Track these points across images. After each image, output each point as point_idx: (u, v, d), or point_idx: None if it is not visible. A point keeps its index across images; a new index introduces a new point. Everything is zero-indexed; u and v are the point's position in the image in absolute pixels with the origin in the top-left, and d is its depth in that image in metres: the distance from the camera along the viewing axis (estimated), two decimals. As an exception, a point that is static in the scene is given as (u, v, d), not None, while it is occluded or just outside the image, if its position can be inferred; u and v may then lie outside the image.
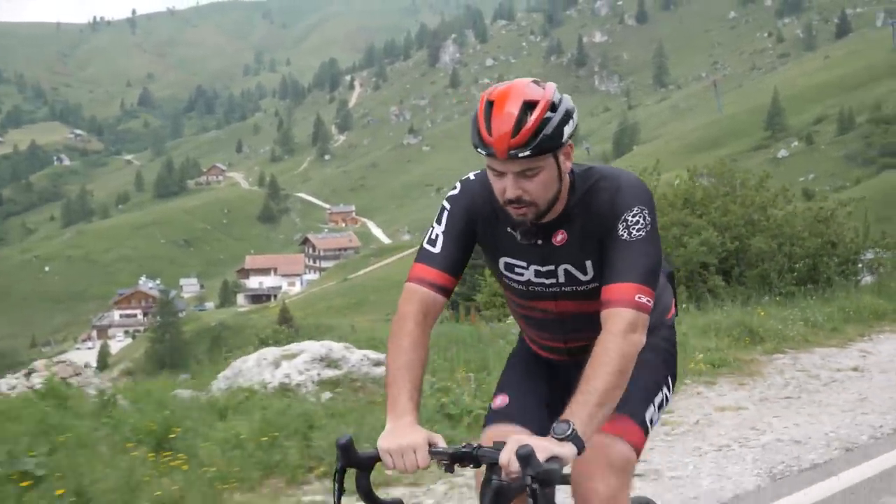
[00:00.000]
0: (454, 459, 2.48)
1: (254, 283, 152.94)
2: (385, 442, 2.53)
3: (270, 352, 7.77)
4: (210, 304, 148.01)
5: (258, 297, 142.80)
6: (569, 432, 2.36)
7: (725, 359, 9.08)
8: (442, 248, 2.84)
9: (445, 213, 2.89)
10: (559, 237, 2.81)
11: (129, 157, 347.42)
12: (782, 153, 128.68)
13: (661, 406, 2.99)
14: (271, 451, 5.68)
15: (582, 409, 2.44)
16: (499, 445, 2.40)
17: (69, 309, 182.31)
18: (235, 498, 5.26)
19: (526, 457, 2.24)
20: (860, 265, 16.57)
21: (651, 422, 2.92)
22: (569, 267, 2.84)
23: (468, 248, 2.90)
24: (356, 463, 2.53)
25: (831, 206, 16.81)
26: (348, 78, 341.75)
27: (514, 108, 2.53)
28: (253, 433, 5.83)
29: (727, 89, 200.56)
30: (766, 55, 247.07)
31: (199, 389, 7.76)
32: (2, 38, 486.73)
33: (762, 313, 11.40)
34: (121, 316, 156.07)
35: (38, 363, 8.85)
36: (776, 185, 17.62)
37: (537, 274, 2.89)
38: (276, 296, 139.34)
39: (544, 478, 2.23)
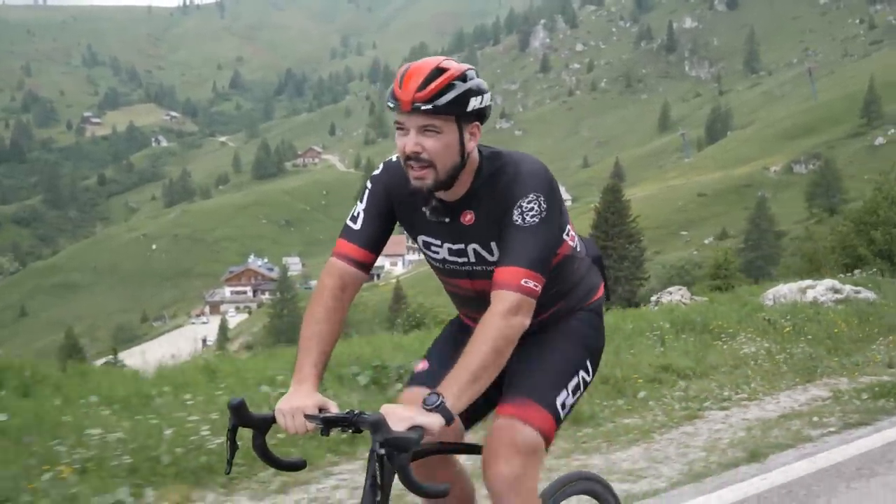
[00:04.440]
0: (328, 423, 2.52)
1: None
2: (281, 403, 2.61)
3: (793, 285, 13.28)
4: (315, 282, 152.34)
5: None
6: (437, 403, 2.42)
7: None
8: (362, 225, 2.92)
9: (367, 192, 2.98)
10: (467, 217, 2.87)
11: (223, 138, 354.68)
12: (879, 141, 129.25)
13: (576, 390, 3.03)
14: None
15: (454, 384, 2.51)
16: (378, 413, 2.38)
17: (177, 286, 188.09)
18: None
19: (375, 423, 2.28)
20: None
21: (563, 406, 2.95)
22: (477, 247, 2.90)
23: (387, 226, 2.98)
24: (248, 423, 2.58)
25: None
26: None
27: (426, 70, 2.66)
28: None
29: (819, 76, 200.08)
30: (858, 42, 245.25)
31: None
32: (96, 21, 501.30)
33: None
34: (231, 292, 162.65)
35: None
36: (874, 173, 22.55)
37: (450, 252, 2.97)
38: (379, 275, 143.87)
39: (394, 444, 2.24)
